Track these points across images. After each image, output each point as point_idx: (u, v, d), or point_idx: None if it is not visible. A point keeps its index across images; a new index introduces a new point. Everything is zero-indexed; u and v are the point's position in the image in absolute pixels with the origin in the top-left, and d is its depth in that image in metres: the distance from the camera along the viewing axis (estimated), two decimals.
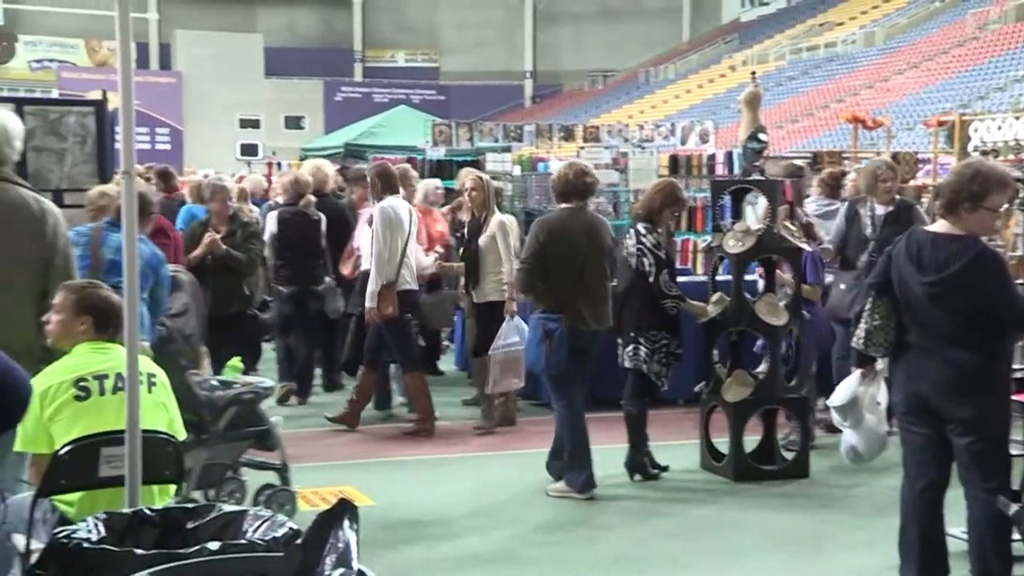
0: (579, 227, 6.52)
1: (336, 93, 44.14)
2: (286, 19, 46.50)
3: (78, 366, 4.06)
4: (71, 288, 4.29)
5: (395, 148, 17.68)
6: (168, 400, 4.23)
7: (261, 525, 3.02)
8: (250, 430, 5.81)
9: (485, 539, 5.80)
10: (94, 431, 3.84)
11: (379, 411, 8.56)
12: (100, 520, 3.04)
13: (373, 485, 6.55)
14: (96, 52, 43.59)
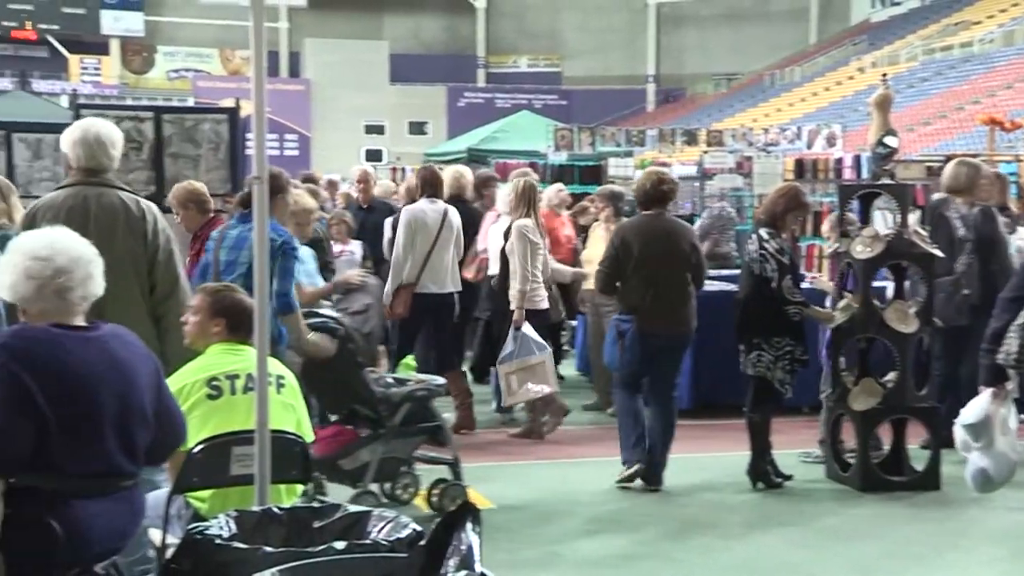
0: (654, 233, 6.67)
1: (459, 99, 44.55)
2: (411, 26, 47.12)
3: (211, 366, 4.18)
4: (207, 291, 4.43)
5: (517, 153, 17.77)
6: (296, 402, 4.32)
7: (385, 526, 3.07)
8: (423, 426, 5.98)
9: (605, 543, 5.78)
10: (225, 430, 3.95)
11: (500, 414, 8.61)
12: (231, 517, 3.13)
13: (493, 488, 6.58)
14: (230, 61, 44.83)
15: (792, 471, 6.88)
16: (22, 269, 3.34)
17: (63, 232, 3.49)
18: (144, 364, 3.50)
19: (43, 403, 3.18)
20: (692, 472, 7.06)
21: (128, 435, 3.40)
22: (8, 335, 3.30)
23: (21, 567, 3.22)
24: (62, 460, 3.25)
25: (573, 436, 8.27)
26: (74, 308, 3.38)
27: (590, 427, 8.50)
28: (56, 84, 38.79)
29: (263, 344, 3.86)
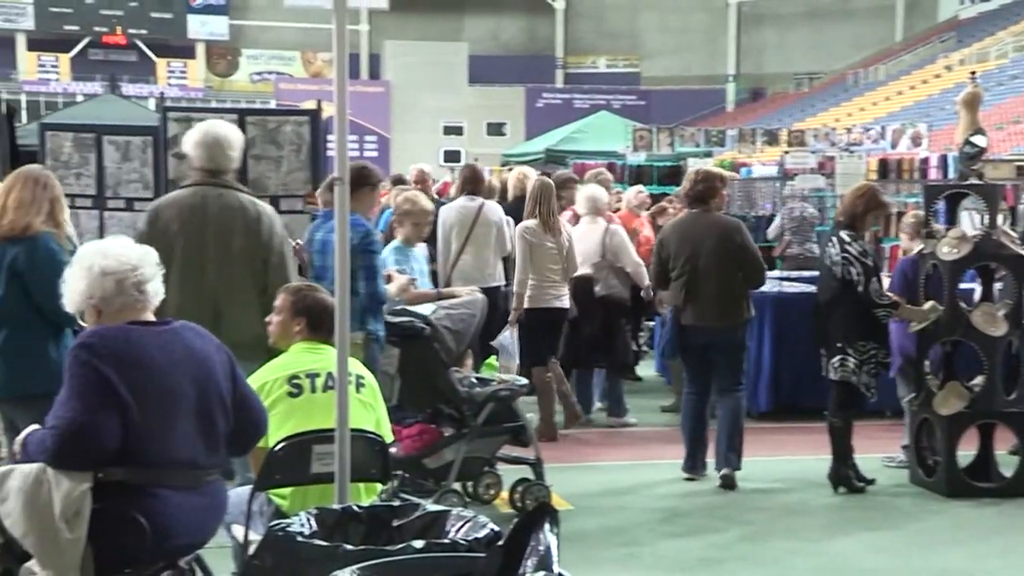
0: (692, 231, 6.83)
1: (537, 99, 44.54)
2: (491, 27, 47.24)
3: (292, 364, 4.24)
4: (289, 290, 4.49)
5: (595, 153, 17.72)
6: (375, 401, 4.36)
7: (463, 525, 3.08)
8: (507, 426, 6.03)
9: (683, 545, 5.74)
10: (305, 428, 3.99)
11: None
12: (312, 515, 3.16)
13: (571, 489, 6.57)
14: (311, 63, 45.38)
15: (875, 475, 6.77)
16: (98, 270, 3.45)
17: (120, 238, 3.62)
18: (218, 354, 3.58)
19: (125, 394, 3.26)
20: (771, 475, 6.99)
21: (208, 424, 3.47)
22: (87, 334, 3.40)
23: (109, 560, 3.30)
24: (146, 451, 3.32)
25: (651, 437, 8.24)
26: (149, 303, 3.51)
27: (668, 428, 8.44)
28: (144, 88, 39.60)
29: (343, 343, 3.89)
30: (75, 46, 42.71)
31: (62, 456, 3.24)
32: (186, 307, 4.62)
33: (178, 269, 4.72)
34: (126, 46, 43.43)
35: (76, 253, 3.61)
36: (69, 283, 3.52)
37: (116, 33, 43.12)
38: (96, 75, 40.52)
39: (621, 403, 8.51)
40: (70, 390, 3.28)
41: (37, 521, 3.24)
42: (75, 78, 41.73)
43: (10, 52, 41.86)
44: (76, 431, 3.22)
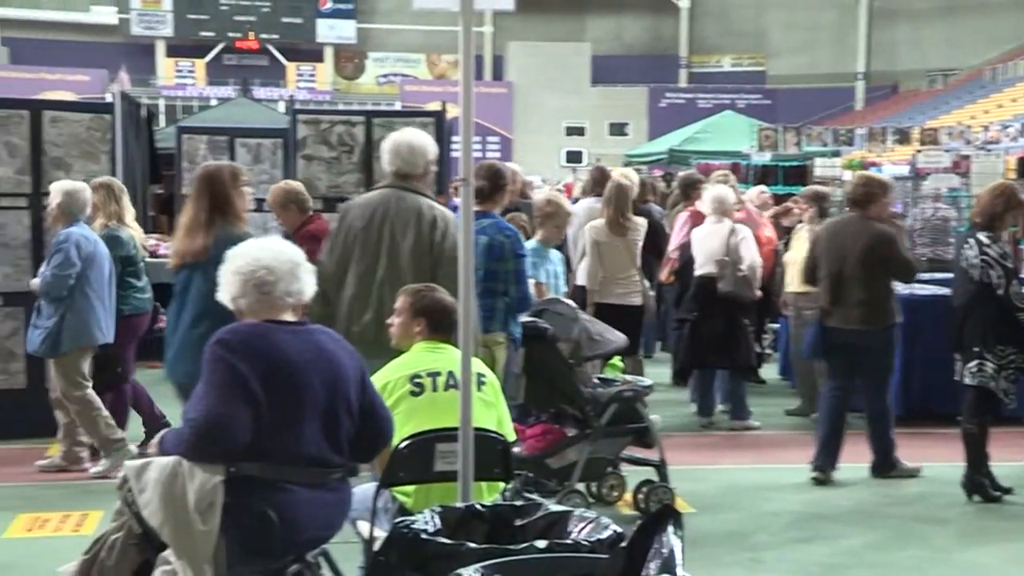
0: (848, 234, 6.86)
1: (660, 99, 44.24)
2: (614, 27, 47.09)
3: (413, 363, 4.29)
4: (408, 291, 4.54)
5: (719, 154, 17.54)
6: (497, 400, 4.38)
7: (586, 526, 3.07)
8: (630, 427, 6.02)
9: (808, 551, 5.63)
10: (427, 427, 4.03)
11: (702, 417, 8.51)
12: (436, 513, 3.19)
13: (694, 491, 6.51)
14: (436, 65, 45.89)
15: (1012, 484, 6.54)
16: (233, 270, 3.57)
17: (271, 239, 3.75)
18: (350, 359, 3.65)
19: (258, 389, 3.35)
20: (902, 481, 6.82)
21: (334, 424, 3.54)
22: (223, 331, 3.51)
23: (240, 552, 3.39)
24: (275, 447, 3.40)
25: (776, 440, 8.11)
26: (279, 304, 3.59)
27: (793, 432, 8.30)
28: (274, 91, 40.55)
29: (467, 343, 3.92)
30: (210, 51, 43.99)
31: (197, 448, 3.34)
32: (358, 301, 4.91)
33: (355, 265, 5.03)
34: (258, 51, 44.56)
35: (231, 253, 3.74)
36: (221, 282, 3.66)
37: (249, 38, 44.29)
38: (229, 79, 41.66)
39: (744, 405, 8.40)
40: (207, 384, 3.39)
41: (172, 512, 3.34)
42: (210, 82, 42.98)
43: (150, 58, 43.34)
44: (211, 424, 3.31)
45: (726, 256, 8.14)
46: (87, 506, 6.10)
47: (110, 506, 3.61)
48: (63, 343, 6.58)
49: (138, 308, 7.26)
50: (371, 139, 8.58)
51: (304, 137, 8.55)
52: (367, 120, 8.69)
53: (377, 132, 8.61)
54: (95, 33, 42.83)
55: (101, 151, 7.94)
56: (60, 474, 6.90)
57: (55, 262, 6.53)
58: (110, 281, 6.80)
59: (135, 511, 3.45)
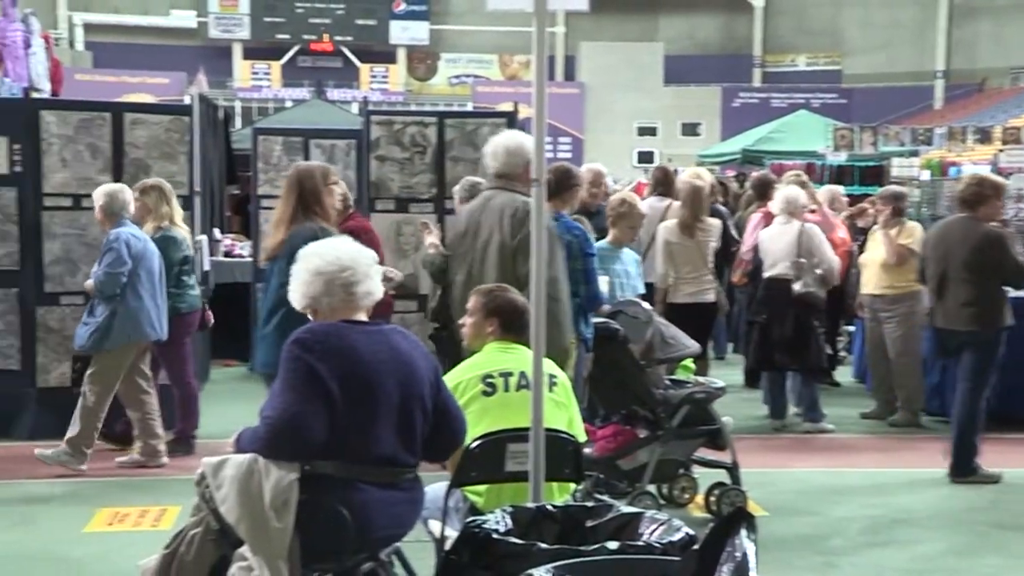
0: (954, 234, 6.86)
1: (734, 99, 43.81)
2: (687, 27, 46.76)
3: (485, 363, 4.30)
4: (481, 291, 4.56)
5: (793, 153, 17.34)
6: (568, 400, 4.38)
7: (658, 528, 3.06)
8: (702, 428, 5.99)
9: (884, 556, 5.54)
10: (499, 427, 4.04)
11: (774, 420, 8.42)
12: (507, 513, 3.20)
13: (766, 495, 6.44)
14: (508, 66, 45.94)
15: None
16: (312, 271, 3.60)
17: (342, 239, 3.78)
18: (424, 360, 3.67)
19: (334, 389, 3.38)
20: (981, 487, 6.69)
21: (408, 424, 3.56)
22: (301, 330, 3.55)
23: (314, 549, 3.42)
24: (349, 446, 3.43)
25: (850, 444, 8.01)
26: (358, 303, 3.62)
27: (867, 435, 8.18)
28: (348, 92, 40.87)
29: (539, 343, 3.93)
30: (285, 54, 44.52)
31: (273, 446, 3.38)
32: (464, 296, 4.98)
33: (459, 266, 5.28)
34: (332, 53, 44.98)
35: (304, 253, 3.76)
36: (293, 283, 3.69)
37: (323, 40, 44.73)
38: (304, 81, 42.11)
39: (817, 407, 8.29)
40: (283, 383, 3.43)
41: (248, 509, 3.39)
42: (285, 84, 43.47)
43: (227, 61, 43.96)
44: (288, 421, 3.35)
45: (800, 258, 8.05)
46: (165, 501, 6.21)
47: (187, 501, 3.67)
48: (111, 338, 6.74)
49: (193, 305, 7.45)
50: (443, 140, 8.63)
51: (377, 138, 8.61)
52: (439, 121, 8.73)
53: (449, 133, 8.65)
54: (174, 36, 43.56)
55: (179, 152, 8.08)
56: (139, 469, 7.03)
57: (107, 261, 6.71)
58: (160, 279, 6.95)
59: (212, 507, 3.50)
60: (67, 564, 5.32)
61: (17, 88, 10.85)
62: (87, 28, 43.03)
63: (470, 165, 8.60)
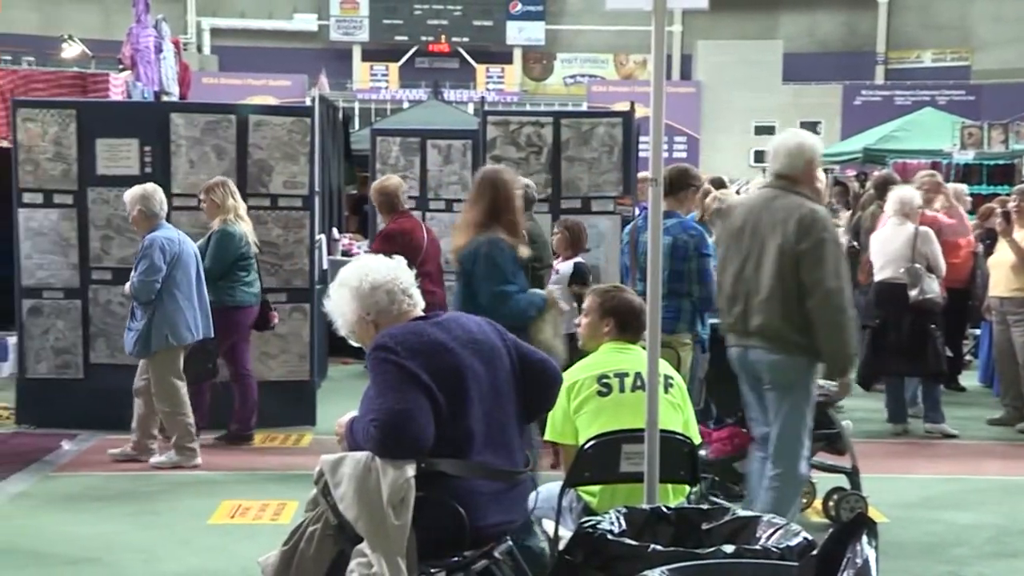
0: None
1: (855, 97, 42.86)
2: (807, 24, 45.96)
3: (601, 364, 4.29)
4: (597, 291, 4.55)
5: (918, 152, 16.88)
6: (684, 402, 4.34)
7: (775, 532, 3.01)
8: (820, 432, 5.87)
9: (1011, 567, 5.37)
10: (613, 427, 4.03)
11: (894, 424, 8.22)
12: (621, 513, 3.18)
13: (887, 500, 6.30)
14: (623, 65, 45.78)
15: None
16: (368, 286, 3.64)
17: (363, 258, 3.83)
18: (492, 331, 3.68)
19: (429, 382, 3.41)
20: None
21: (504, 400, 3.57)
22: (379, 336, 3.56)
23: (430, 546, 3.45)
24: (456, 438, 3.45)
25: (976, 450, 7.77)
26: (418, 304, 3.70)
27: (994, 442, 7.93)
28: (464, 93, 41.23)
29: (655, 344, 3.90)
30: (403, 55, 45.10)
31: (386, 445, 3.41)
32: (730, 297, 5.06)
33: (729, 264, 5.14)
34: (449, 54, 45.43)
35: (333, 285, 3.77)
36: (337, 306, 3.70)
37: (441, 41, 45.21)
38: (421, 82, 42.60)
39: (938, 408, 8.07)
40: (380, 386, 3.44)
41: (366, 506, 3.42)
42: (402, 85, 44.04)
43: (347, 63, 44.73)
44: (394, 420, 3.37)
45: (915, 263, 7.84)
46: (285, 496, 6.34)
47: (305, 497, 3.73)
48: (152, 343, 6.88)
49: (243, 302, 7.53)
50: (559, 140, 8.63)
51: (493, 138, 8.66)
52: (555, 121, 8.73)
53: (565, 133, 8.65)
54: (297, 40, 44.49)
55: (300, 153, 8.25)
56: (260, 463, 7.19)
57: (141, 268, 6.84)
58: (199, 279, 7.06)
59: (331, 503, 3.55)
60: (192, 554, 5.47)
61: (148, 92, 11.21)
62: (214, 32, 44.25)
63: (585, 165, 8.60)
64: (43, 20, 39.22)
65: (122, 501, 5.98)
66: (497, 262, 5.14)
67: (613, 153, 8.62)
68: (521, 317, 5.11)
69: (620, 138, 8.62)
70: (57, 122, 8.01)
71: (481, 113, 9.18)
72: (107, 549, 5.32)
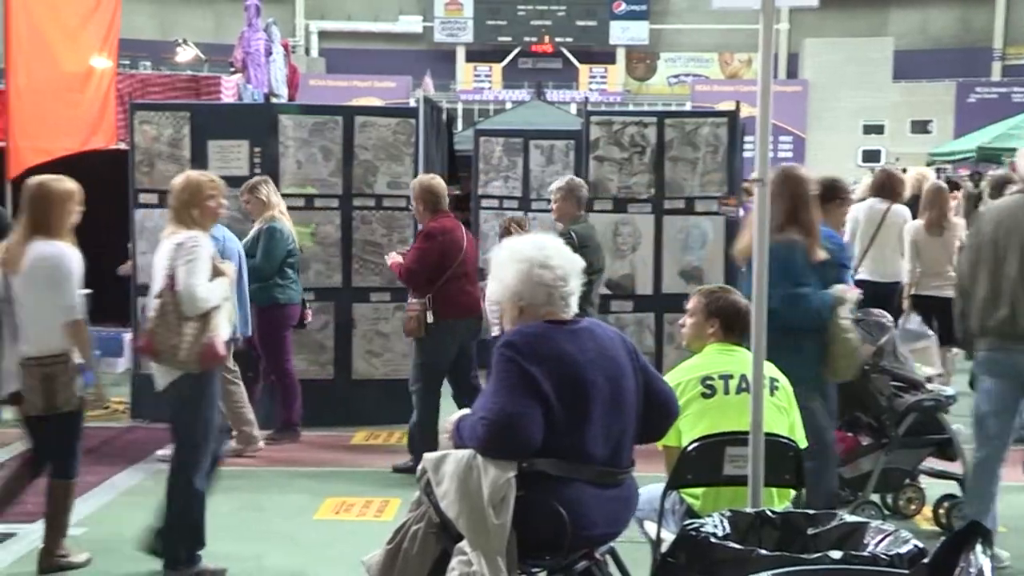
0: None
1: (969, 94, 41.73)
2: (919, 20, 44.90)
3: (705, 365, 4.25)
4: (703, 292, 4.51)
5: None
6: (790, 405, 4.28)
7: (884, 539, 2.95)
8: (930, 438, 5.77)
9: None
10: (717, 429, 3.99)
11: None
12: (725, 517, 3.15)
13: (1003, 510, 6.08)
14: (728, 65, 45.29)
15: None
16: (536, 279, 3.60)
17: (557, 245, 3.73)
18: (623, 349, 3.65)
19: (548, 391, 3.40)
20: None
21: (620, 419, 3.55)
22: (508, 334, 3.57)
23: (531, 546, 3.46)
24: (565, 444, 3.45)
25: None
26: (570, 308, 3.61)
27: None
28: (566, 93, 41.21)
29: (760, 347, 3.85)
30: (507, 56, 45.27)
31: (492, 445, 3.43)
32: (990, 299, 5.11)
33: (984, 266, 5.20)
34: (552, 54, 45.46)
35: (507, 246, 3.75)
36: (501, 276, 3.68)
37: (544, 42, 45.27)
38: (524, 82, 42.71)
39: None
40: (497, 384, 3.46)
41: (467, 505, 3.44)
42: (505, 86, 44.20)
43: (451, 64, 45.09)
44: (504, 422, 3.39)
45: None
46: (387, 493, 6.42)
47: (407, 494, 3.76)
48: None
49: (292, 299, 7.62)
50: (663, 140, 8.56)
51: (596, 138, 8.64)
52: (659, 121, 8.67)
53: (668, 133, 8.58)
54: (402, 41, 44.98)
55: (405, 154, 8.33)
56: (363, 461, 7.28)
57: None
58: (241, 276, 7.10)
59: (433, 502, 3.58)
60: (299, 548, 5.57)
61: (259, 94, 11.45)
62: (321, 35, 44.99)
63: (689, 165, 8.52)
64: (159, 26, 40.35)
65: (229, 495, 6.11)
66: (790, 265, 5.00)
67: (718, 153, 8.53)
68: (816, 318, 5.05)
69: (725, 138, 8.53)
70: (172, 124, 8.23)
71: (584, 113, 9.16)
72: (214, 542, 5.44)
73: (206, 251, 5.03)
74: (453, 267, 6.85)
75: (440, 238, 6.83)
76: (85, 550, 5.34)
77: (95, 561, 5.31)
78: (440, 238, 6.83)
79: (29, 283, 5.03)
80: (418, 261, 6.83)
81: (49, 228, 5.05)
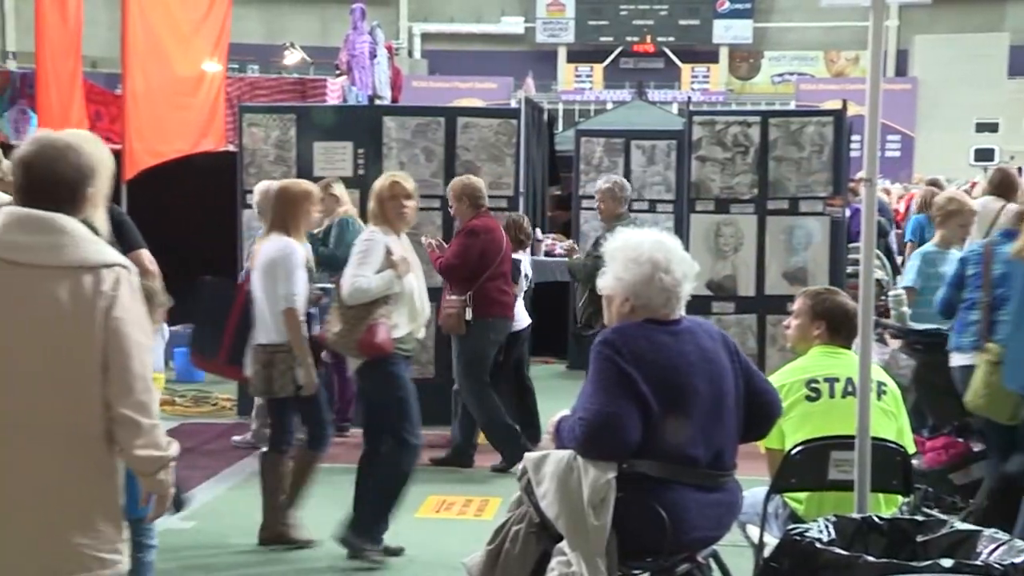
0: None
1: None
2: None
3: (810, 367, 4.19)
4: (809, 293, 4.45)
5: None
6: (898, 410, 4.20)
7: (997, 548, 2.87)
8: None
9: None
10: (821, 433, 3.93)
11: None
12: (830, 522, 3.10)
13: None
14: (834, 63, 44.52)
15: None
16: (657, 281, 3.54)
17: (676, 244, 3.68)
18: (725, 350, 3.60)
19: (646, 391, 3.38)
20: None
21: (722, 422, 3.52)
22: (608, 332, 3.54)
23: (631, 548, 3.44)
24: (665, 447, 3.43)
25: None
26: (675, 307, 3.57)
27: None
28: (668, 93, 40.93)
29: (867, 349, 3.78)
30: (608, 56, 45.16)
31: (589, 445, 3.42)
32: None
33: None
34: (654, 54, 45.22)
35: (628, 241, 3.69)
36: (618, 272, 3.62)
37: (646, 42, 45.06)
38: (625, 83, 42.54)
39: None
40: (595, 384, 3.45)
41: (567, 505, 3.45)
42: (606, 86, 44.09)
43: (552, 65, 45.16)
44: (602, 423, 3.38)
45: None
46: (487, 492, 6.45)
47: (506, 494, 3.77)
48: None
49: None
50: (766, 140, 8.45)
51: (699, 138, 8.56)
52: (763, 120, 8.55)
53: (772, 132, 8.47)
54: (503, 43, 45.19)
55: (506, 154, 8.37)
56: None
57: None
58: None
59: (534, 502, 3.58)
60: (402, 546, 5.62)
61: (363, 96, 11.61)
62: (424, 37, 45.44)
63: (793, 165, 8.40)
64: (267, 30, 41.16)
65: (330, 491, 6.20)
66: None
67: (823, 153, 8.38)
68: None
69: (831, 137, 8.38)
70: (279, 126, 8.39)
71: (687, 113, 9.09)
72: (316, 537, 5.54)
73: (380, 246, 5.38)
74: (493, 267, 6.92)
75: (483, 236, 6.91)
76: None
77: (207, 554, 5.44)
78: (483, 236, 6.91)
79: (259, 276, 5.48)
80: (459, 256, 6.90)
81: (286, 225, 5.49)
